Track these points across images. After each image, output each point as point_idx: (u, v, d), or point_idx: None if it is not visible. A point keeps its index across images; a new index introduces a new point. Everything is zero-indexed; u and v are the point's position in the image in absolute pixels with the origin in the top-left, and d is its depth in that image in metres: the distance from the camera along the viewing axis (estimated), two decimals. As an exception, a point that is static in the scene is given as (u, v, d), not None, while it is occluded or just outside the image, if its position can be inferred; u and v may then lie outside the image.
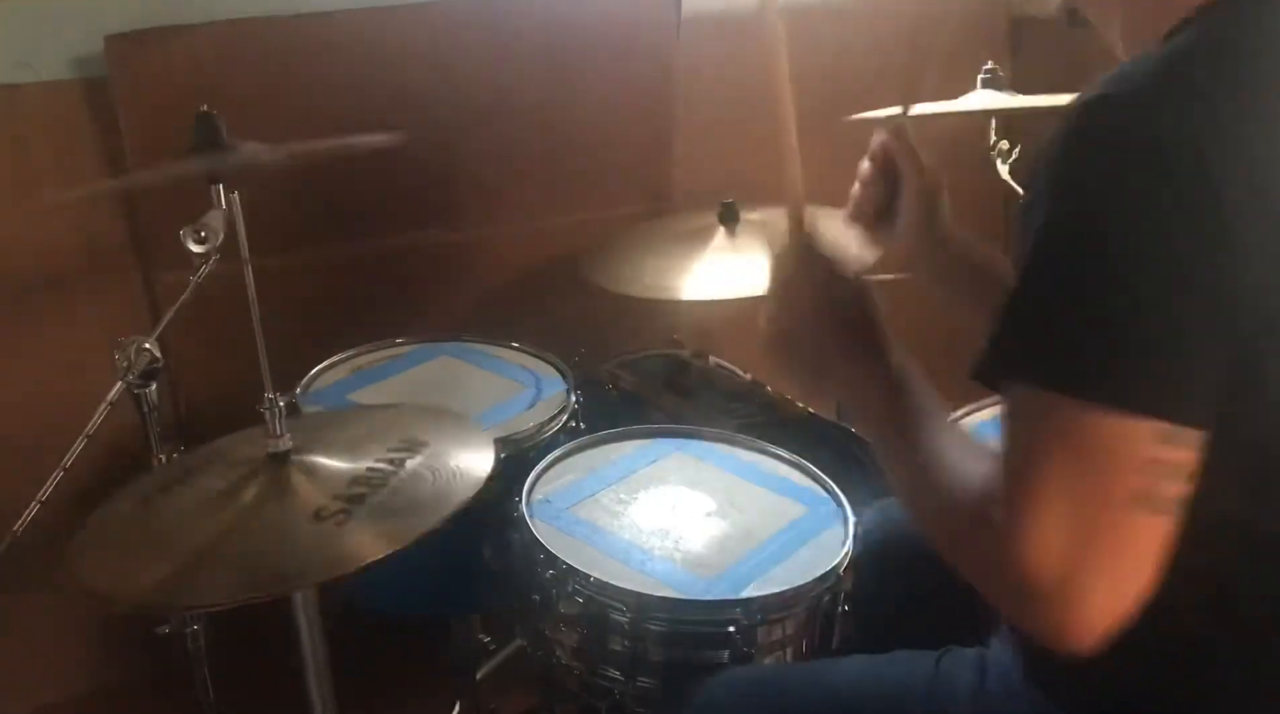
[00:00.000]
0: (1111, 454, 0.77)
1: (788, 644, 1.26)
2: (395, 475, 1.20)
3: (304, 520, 1.12)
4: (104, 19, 1.70)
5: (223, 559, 1.09)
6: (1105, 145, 0.79)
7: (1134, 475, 0.77)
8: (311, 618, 1.26)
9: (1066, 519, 0.77)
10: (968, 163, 1.94)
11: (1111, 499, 0.77)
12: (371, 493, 1.17)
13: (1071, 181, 0.80)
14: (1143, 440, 0.77)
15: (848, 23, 2.27)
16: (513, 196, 2.04)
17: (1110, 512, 0.77)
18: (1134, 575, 0.78)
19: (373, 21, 1.87)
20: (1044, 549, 0.77)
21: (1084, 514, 0.77)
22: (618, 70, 2.06)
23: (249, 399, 1.19)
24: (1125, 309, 0.77)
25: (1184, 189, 0.76)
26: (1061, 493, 0.78)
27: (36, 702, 1.93)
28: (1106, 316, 0.77)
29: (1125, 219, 0.77)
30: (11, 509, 1.29)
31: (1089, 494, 0.77)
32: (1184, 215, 0.76)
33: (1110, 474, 0.77)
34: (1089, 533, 0.77)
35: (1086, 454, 0.77)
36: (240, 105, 1.57)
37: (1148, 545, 0.78)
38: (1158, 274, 0.76)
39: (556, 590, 1.26)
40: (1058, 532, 0.77)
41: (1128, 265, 0.77)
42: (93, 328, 1.82)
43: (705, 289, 1.74)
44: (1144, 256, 0.76)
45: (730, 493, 1.43)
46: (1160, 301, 0.76)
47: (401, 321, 1.89)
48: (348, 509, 1.14)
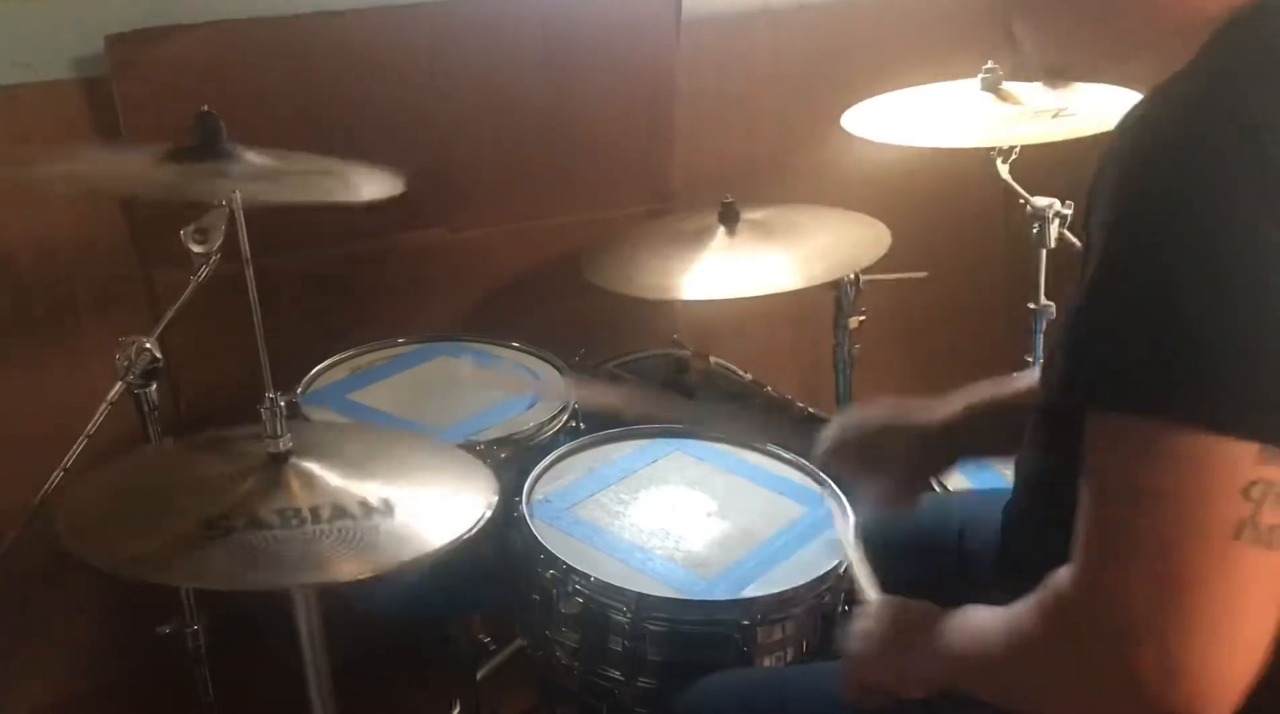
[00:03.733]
0: (1208, 479, 0.71)
1: (788, 645, 1.26)
2: (381, 515, 1.17)
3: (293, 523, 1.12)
4: (104, 19, 1.70)
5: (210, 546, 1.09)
6: (1196, 152, 0.75)
7: (1236, 502, 0.71)
8: (311, 618, 1.26)
9: (1157, 565, 0.71)
10: (968, 163, 1.95)
11: (1218, 529, 0.71)
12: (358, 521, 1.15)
13: (1165, 188, 0.75)
14: (1242, 462, 0.71)
15: (848, 22, 2.27)
16: (513, 196, 2.04)
17: (1213, 544, 0.71)
18: (1252, 619, 0.71)
19: (372, 21, 1.87)
20: (1124, 587, 0.71)
21: (1179, 555, 0.71)
22: (618, 70, 2.06)
23: (249, 399, 1.19)
24: (1214, 326, 0.72)
25: (1275, 198, 0.73)
26: (1150, 535, 0.71)
27: (36, 702, 1.93)
28: (1193, 335, 0.72)
29: (1216, 231, 0.73)
30: (12, 509, 1.29)
31: (1183, 531, 0.71)
32: (1276, 224, 0.73)
33: (1214, 500, 0.71)
34: (1181, 569, 0.71)
35: (1179, 483, 0.71)
36: (240, 105, 1.57)
37: (1262, 584, 0.71)
38: (1247, 286, 0.72)
39: (557, 590, 1.26)
40: (1147, 581, 0.70)
41: (1216, 279, 0.72)
42: (93, 328, 1.83)
43: (705, 289, 1.74)
44: (1235, 268, 0.73)
45: (730, 493, 1.43)
46: (1250, 317, 0.72)
47: (401, 322, 1.88)
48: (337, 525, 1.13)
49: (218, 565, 1.07)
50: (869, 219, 1.89)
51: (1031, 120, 1.79)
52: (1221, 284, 0.72)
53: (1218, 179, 0.74)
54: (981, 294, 2.53)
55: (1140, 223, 0.76)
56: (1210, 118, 0.76)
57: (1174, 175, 0.75)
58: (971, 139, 1.80)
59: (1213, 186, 0.74)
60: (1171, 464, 0.72)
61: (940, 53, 2.05)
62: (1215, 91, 0.78)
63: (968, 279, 2.42)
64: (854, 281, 1.91)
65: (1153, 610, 0.71)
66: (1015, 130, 1.79)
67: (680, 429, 1.56)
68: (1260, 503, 0.71)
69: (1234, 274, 0.73)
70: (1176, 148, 0.76)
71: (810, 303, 1.99)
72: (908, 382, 1.33)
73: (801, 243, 1.82)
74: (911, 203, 2.03)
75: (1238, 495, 0.71)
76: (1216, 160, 0.74)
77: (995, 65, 1.90)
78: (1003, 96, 1.89)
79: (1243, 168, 0.74)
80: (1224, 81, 0.79)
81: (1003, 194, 1.94)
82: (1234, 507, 0.71)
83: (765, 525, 1.37)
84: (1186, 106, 0.78)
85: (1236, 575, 0.71)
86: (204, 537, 1.09)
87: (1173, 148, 0.76)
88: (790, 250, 1.80)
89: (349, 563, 1.08)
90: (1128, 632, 0.72)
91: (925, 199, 2.19)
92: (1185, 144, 0.76)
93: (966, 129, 1.82)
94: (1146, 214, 0.75)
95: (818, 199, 1.98)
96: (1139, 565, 0.72)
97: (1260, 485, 0.71)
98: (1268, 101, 0.77)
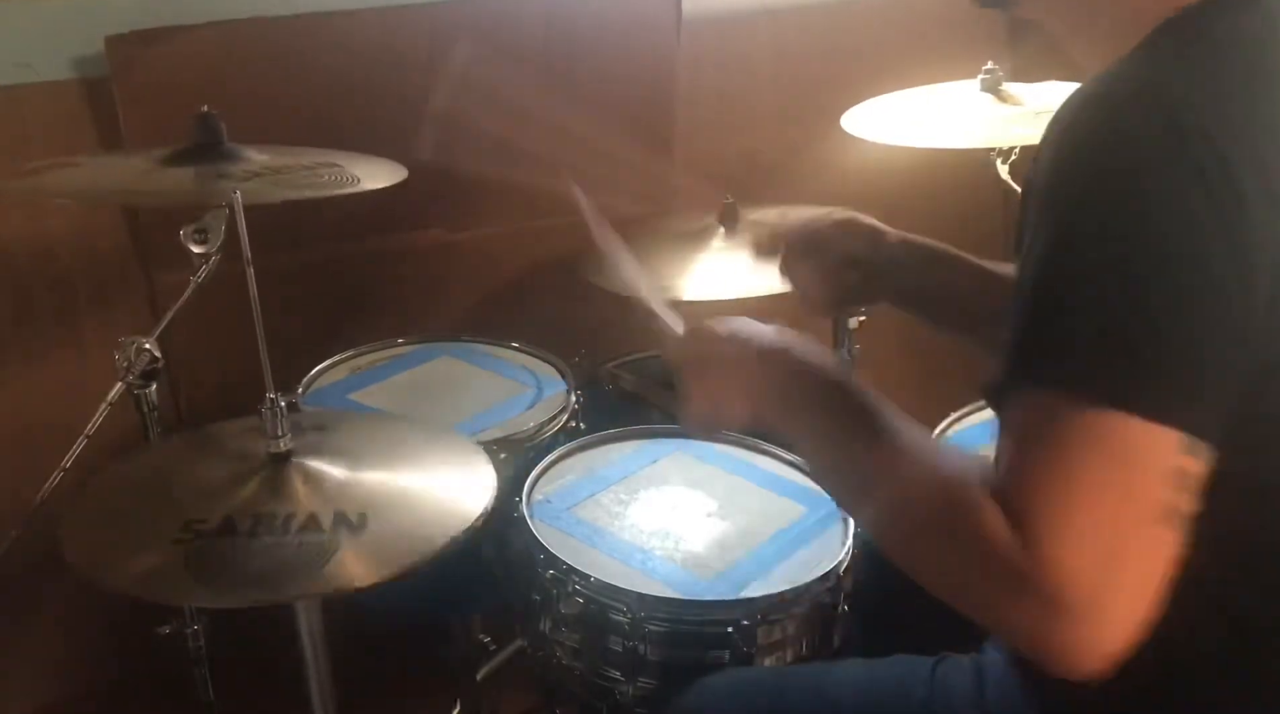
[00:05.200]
0: (1141, 462, 0.73)
1: (787, 645, 1.26)
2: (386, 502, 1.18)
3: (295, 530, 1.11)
4: (104, 19, 1.70)
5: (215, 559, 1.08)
6: (1123, 141, 0.76)
7: (1160, 486, 0.74)
8: (312, 618, 1.26)
9: (1096, 529, 0.73)
10: (968, 163, 1.95)
11: (1141, 510, 0.73)
12: (365, 518, 1.15)
13: (1087, 178, 0.77)
14: (1169, 450, 0.74)
15: (848, 23, 2.27)
16: (513, 196, 2.04)
17: (1139, 524, 0.73)
18: (1152, 592, 0.74)
19: (373, 21, 1.87)
20: (1073, 560, 0.72)
21: (1114, 525, 0.73)
22: (618, 70, 2.06)
23: (249, 399, 1.19)
24: (1154, 314, 0.74)
25: (1213, 186, 0.74)
26: (1091, 502, 0.73)
27: (36, 702, 1.93)
28: (1135, 321, 0.74)
29: (1154, 217, 0.74)
30: (11, 509, 1.29)
31: (1118, 504, 0.73)
32: (1215, 213, 0.74)
33: (1140, 484, 0.73)
34: (1119, 545, 0.73)
35: (1117, 461, 0.73)
36: (240, 105, 1.57)
37: (1165, 561, 0.74)
38: (1186, 275, 0.74)
39: (557, 591, 1.26)
40: (1087, 542, 0.72)
41: (1156, 265, 0.74)
42: (93, 328, 1.83)
43: (705, 289, 1.74)
44: (1173, 256, 0.74)
45: (730, 493, 1.43)
46: (1187, 306, 0.74)
47: (401, 321, 1.89)
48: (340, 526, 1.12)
49: (223, 581, 1.06)
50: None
51: (1031, 120, 1.79)
52: (1146, 275, 0.74)
53: (1143, 172, 0.75)
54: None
55: (1070, 212, 0.77)
56: (1141, 112, 0.77)
57: (1100, 166, 0.77)
58: (971, 139, 1.80)
59: (1138, 179, 0.75)
60: (1109, 444, 0.74)
61: (940, 53, 2.05)
62: (1150, 86, 0.79)
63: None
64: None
65: (1088, 571, 0.72)
66: (1015, 131, 1.79)
67: (680, 429, 1.56)
68: (1182, 493, 0.74)
69: (1160, 265, 0.74)
70: (1103, 139, 0.77)
71: (810, 303, 1.98)
72: (908, 381, 1.33)
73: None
74: (911, 203, 2.02)
75: (1161, 480, 0.73)
76: (1143, 153, 0.75)
77: (995, 65, 1.90)
78: (1002, 97, 1.88)
79: (1168, 162, 0.75)
80: (1161, 76, 0.80)
81: (1003, 194, 1.94)
82: (1158, 490, 0.73)
83: (765, 525, 1.37)
84: (1119, 98, 0.79)
85: (1156, 552, 0.74)
86: (205, 548, 1.08)
87: (1100, 139, 0.78)
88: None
89: (352, 569, 1.08)
90: (1061, 582, 0.72)
91: (925, 199, 2.18)
92: (1112, 137, 0.77)
93: (966, 129, 1.82)
94: (1076, 204, 0.77)
95: (817, 199, 1.98)
96: (1080, 528, 0.73)
97: (1184, 476, 0.74)
98: (1200, 101, 0.77)
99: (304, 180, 1.41)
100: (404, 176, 1.52)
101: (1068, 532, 0.73)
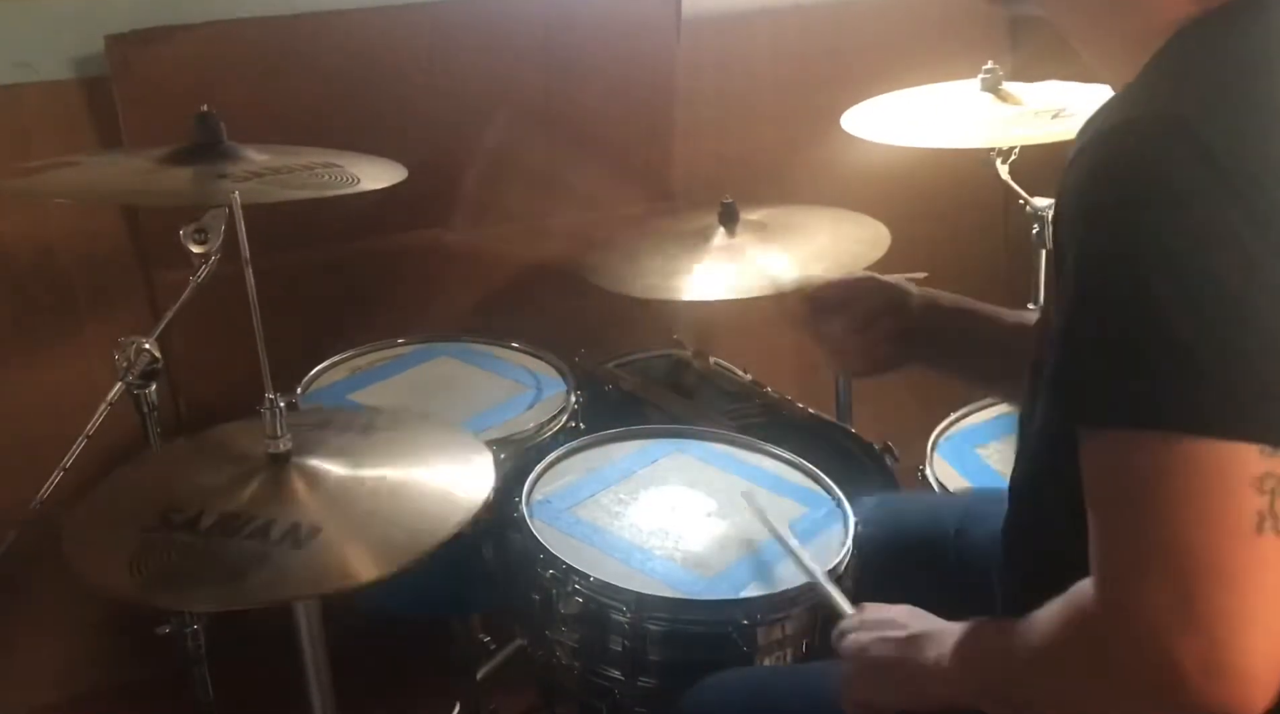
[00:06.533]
0: (1224, 477, 0.72)
1: (787, 644, 1.26)
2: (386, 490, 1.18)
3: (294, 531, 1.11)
4: (104, 19, 1.70)
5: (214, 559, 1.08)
6: (1159, 174, 0.76)
7: (1251, 496, 0.72)
8: (312, 618, 1.26)
9: (1182, 566, 0.71)
10: (968, 163, 1.95)
11: (1238, 526, 0.72)
12: (367, 508, 1.15)
13: (1126, 214, 0.76)
14: (1247, 459, 0.72)
15: (848, 23, 2.27)
16: (513, 196, 2.04)
17: (1238, 540, 0.71)
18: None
19: (372, 21, 1.87)
20: (1164, 610, 0.71)
21: (1204, 556, 0.71)
22: (618, 70, 2.06)
23: (249, 399, 1.19)
24: (1220, 334, 0.73)
25: (1251, 204, 0.74)
26: (1170, 540, 0.72)
27: (36, 702, 1.93)
28: (1203, 346, 0.73)
29: (1202, 241, 0.74)
30: (11, 509, 1.29)
31: (1210, 531, 0.72)
32: (1256, 228, 0.74)
33: (1229, 499, 0.72)
34: (1221, 571, 0.71)
35: (1188, 487, 0.72)
36: (240, 105, 1.58)
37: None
38: (1241, 290, 0.74)
39: (557, 590, 1.26)
40: (1173, 585, 0.71)
41: (1214, 287, 0.74)
42: (93, 328, 1.83)
43: (705, 289, 1.74)
44: (1226, 275, 0.74)
45: (730, 493, 1.43)
46: (1250, 321, 0.74)
47: (401, 322, 1.89)
48: (339, 522, 1.12)
49: (228, 584, 1.06)
50: (869, 219, 1.89)
51: (1031, 120, 1.79)
52: (1194, 296, 0.74)
53: (1184, 202, 0.75)
54: (981, 294, 2.51)
55: (1107, 243, 0.77)
56: (1170, 142, 0.76)
57: (1139, 200, 0.76)
58: (971, 139, 1.80)
59: (1180, 210, 0.75)
60: (1177, 472, 0.73)
61: (940, 53, 2.05)
62: (1174, 114, 0.78)
63: (967, 279, 2.42)
64: (854, 282, 1.91)
65: (1185, 612, 0.72)
66: (1015, 131, 1.79)
67: (680, 429, 1.56)
68: (1274, 494, 0.72)
69: (1204, 285, 0.74)
70: (1138, 173, 0.77)
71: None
72: (908, 381, 1.33)
73: (801, 243, 1.82)
74: (911, 203, 2.03)
75: (1251, 490, 0.72)
76: (1180, 183, 0.75)
77: (995, 65, 1.90)
78: (1002, 97, 1.88)
79: (1205, 187, 0.75)
80: (1183, 106, 0.79)
81: (1003, 194, 1.94)
82: (1250, 501, 0.72)
83: (765, 525, 1.37)
84: (1145, 128, 0.78)
85: (1265, 567, 0.72)
86: (204, 549, 1.08)
87: (1134, 172, 0.77)
88: (790, 250, 1.80)
89: (353, 568, 1.07)
90: (1161, 635, 0.72)
91: (925, 199, 2.19)
92: (1146, 172, 0.76)
93: (966, 129, 1.82)
94: (1111, 235, 0.77)
95: (817, 199, 1.98)
96: (1162, 572, 0.72)
97: (1271, 478, 0.72)
98: (1224, 124, 0.77)
99: (303, 180, 1.41)
100: (404, 176, 1.52)
101: (1156, 586, 0.72)
